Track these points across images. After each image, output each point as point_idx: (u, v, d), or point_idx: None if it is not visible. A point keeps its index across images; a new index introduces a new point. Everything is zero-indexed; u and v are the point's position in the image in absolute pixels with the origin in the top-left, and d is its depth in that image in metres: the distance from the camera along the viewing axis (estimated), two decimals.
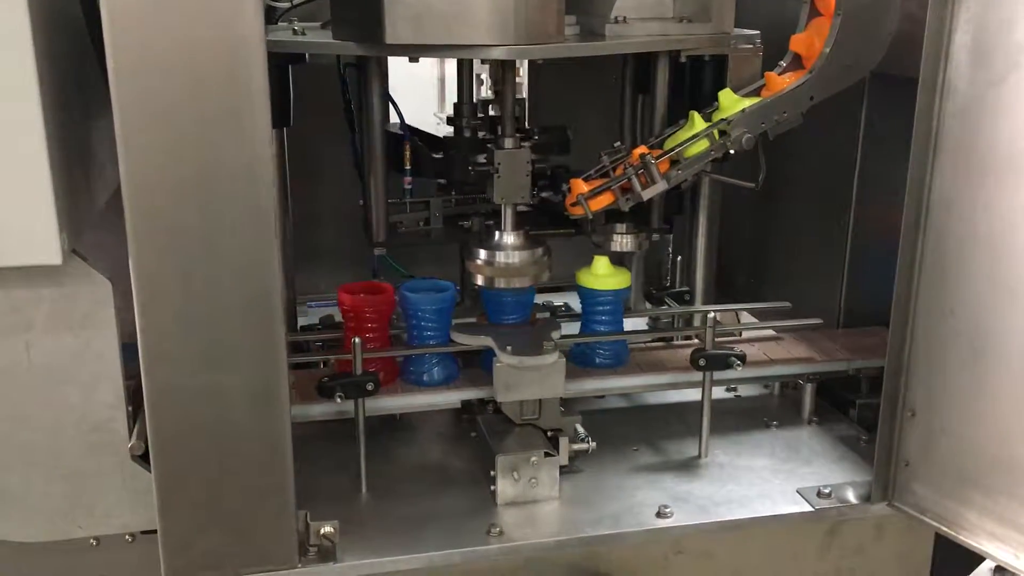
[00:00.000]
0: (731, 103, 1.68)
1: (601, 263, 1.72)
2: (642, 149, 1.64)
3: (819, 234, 1.99)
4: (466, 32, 1.45)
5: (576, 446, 1.56)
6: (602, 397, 1.81)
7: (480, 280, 1.65)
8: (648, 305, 2.08)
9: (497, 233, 1.65)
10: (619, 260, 1.82)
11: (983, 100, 1.24)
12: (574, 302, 2.02)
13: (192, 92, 1.12)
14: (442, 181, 1.81)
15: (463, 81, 1.97)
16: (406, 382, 1.66)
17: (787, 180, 1.98)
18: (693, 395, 1.79)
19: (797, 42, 1.72)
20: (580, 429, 1.59)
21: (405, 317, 1.65)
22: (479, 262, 1.64)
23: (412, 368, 1.65)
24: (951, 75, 1.28)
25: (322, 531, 1.35)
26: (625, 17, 1.66)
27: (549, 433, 1.55)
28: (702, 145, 1.64)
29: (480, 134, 1.88)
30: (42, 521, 1.41)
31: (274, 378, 1.25)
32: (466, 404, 1.67)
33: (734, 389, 1.93)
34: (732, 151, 1.65)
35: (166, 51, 1.10)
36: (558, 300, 2.18)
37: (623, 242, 1.83)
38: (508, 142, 1.63)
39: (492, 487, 1.50)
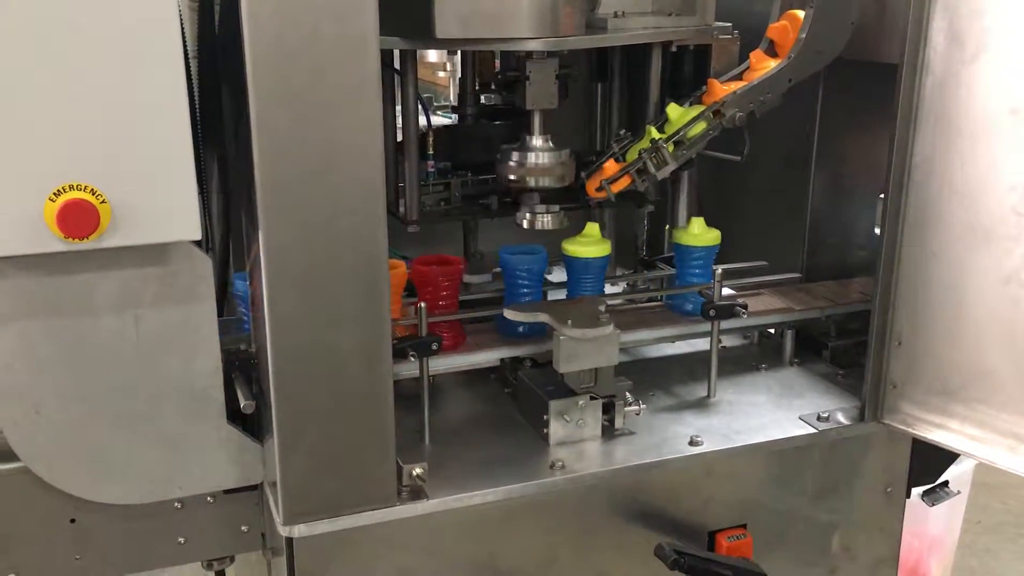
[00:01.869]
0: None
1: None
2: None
3: (783, 200, 2.25)
4: (508, 27, 1.62)
5: (628, 409, 1.75)
6: None
7: (513, 177, 1.83)
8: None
9: (527, 137, 1.83)
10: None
11: (958, 76, 1.51)
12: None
13: (317, 82, 1.27)
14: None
15: (466, 74, 2.15)
16: (504, 335, 1.86)
17: (753, 152, 2.24)
18: (681, 348, 2.10)
19: (773, 30, 1.97)
20: (629, 395, 1.77)
21: (504, 277, 1.87)
22: (512, 163, 1.82)
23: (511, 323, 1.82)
24: (929, 55, 1.54)
25: (414, 473, 1.51)
26: (624, 12, 1.88)
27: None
28: (701, 126, 1.87)
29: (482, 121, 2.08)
30: (144, 484, 1.52)
31: (380, 337, 1.41)
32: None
33: (719, 340, 2.17)
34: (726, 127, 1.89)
35: (295, 45, 1.25)
36: None
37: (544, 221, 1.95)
38: (536, 55, 1.78)
39: (544, 429, 1.69)
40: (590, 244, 1.91)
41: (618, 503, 1.65)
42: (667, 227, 2.29)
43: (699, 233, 1.99)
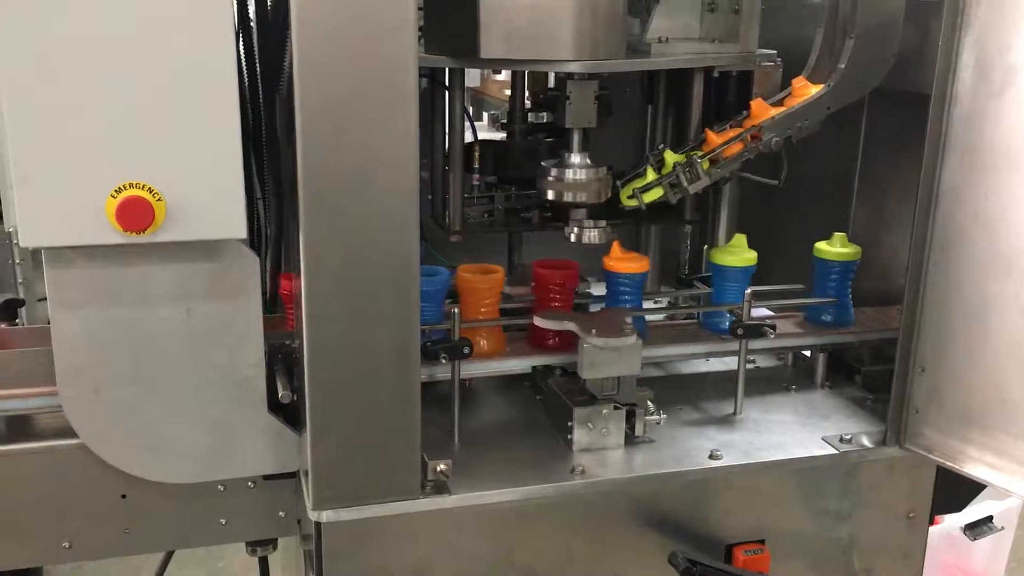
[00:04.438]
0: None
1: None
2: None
3: (825, 224, 2.28)
4: (549, 49, 1.70)
5: (649, 418, 1.81)
6: None
7: (551, 195, 1.90)
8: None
9: (566, 154, 1.91)
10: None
11: (984, 109, 1.54)
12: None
13: (358, 98, 1.37)
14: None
15: (516, 92, 2.24)
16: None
17: (795, 178, 2.28)
18: (713, 366, 2.15)
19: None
20: (651, 404, 1.83)
21: (607, 285, 1.96)
22: (550, 178, 1.90)
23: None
24: (958, 88, 1.57)
25: (438, 468, 1.59)
26: (668, 38, 1.94)
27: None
28: (737, 147, 1.92)
29: (528, 138, 2.17)
30: (190, 465, 1.64)
31: (410, 337, 1.50)
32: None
33: (752, 360, 2.21)
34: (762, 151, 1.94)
35: (339, 65, 1.35)
36: None
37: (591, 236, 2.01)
38: (577, 76, 1.85)
39: (568, 436, 1.76)
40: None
41: (636, 510, 1.70)
42: (704, 246, 2.34)
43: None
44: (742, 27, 1.99)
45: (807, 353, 2.20)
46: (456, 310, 1.72)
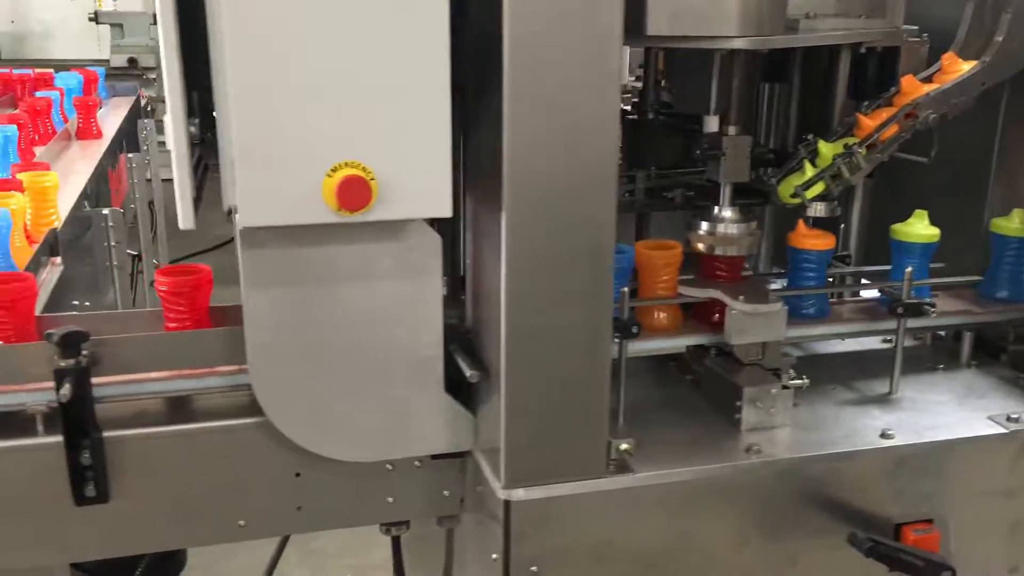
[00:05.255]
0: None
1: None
2: (847, 140, 1.89)
3: (959, 204, 2.25)
4: (716, 25, 1.69)
5: (793, 382, 1.81)
6: None
7: (702, 247, 1.90)
8: None
9: (716, 208, 1.90)
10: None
11: None
12: None
13: (565, 76, 1.37)
14: None
15: (649, 71, 2.23)
16: (794, 316, 1.92)
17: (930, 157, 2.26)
18: (849, 345, 2.14)
19: None
20: (793, 370, 1.84)
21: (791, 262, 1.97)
22: (702, 232, 1.90)
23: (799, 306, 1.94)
24: None
25: (621, 447, 1.59)
26: (815, 13, 1.92)
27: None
28: (893, 129, 1.90)
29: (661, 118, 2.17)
30: (370, 444, 1.65)
31: (603, 317, 1.50)
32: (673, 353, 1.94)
33: (889, 340, 2.19)
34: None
35: (548, 40, 1.35)
36: None
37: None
38: (733, 129, 1.88)
39: (736, 415, 1.75)
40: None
41: (808, 490, 1.69)
42: (841, 226, 2.32)
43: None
44: (888, 2, 1.97)
45: (942, 333, 2.19)
46: (625, 289, 1.71)
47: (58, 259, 2.25)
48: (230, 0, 1.23)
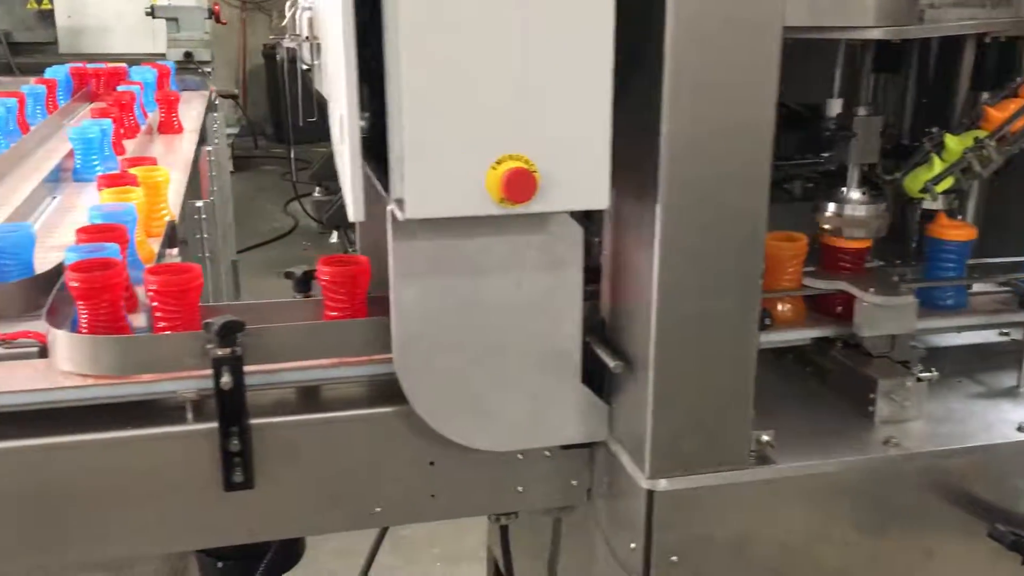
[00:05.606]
0: None
1: None
2: (975, 133, 1.87)
3: None
4: (854, 16, 1.68)
5: (925, 375, 1.80)
6: None
7: (828, 229, 1.89)
8: None
9: (844, 189, 1.89)
10: None
11: None
12: None
13: (725, 63, 1.37)
14: None
15: None
16: (931, 307, 1.93)
17: None
18: (970, 338, 2.09)
19: None
20: (921, 363, 1.82)
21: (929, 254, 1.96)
22: (828, 214, 1.89)
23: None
24: None
25: (763, 438, 1.60)
26: (939, 3, 1.90)
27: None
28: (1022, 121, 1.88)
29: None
30: (509, 433, 1.66)
31: (751, 306, 1.50)
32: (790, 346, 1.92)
33: (1006, 333, 2.17)
34: None
35: (710, 28, 1.35)
36: None
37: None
38: (862, 110, 1.86)
39: (870, 408, 1.75)
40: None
41: (947, 483, 1.68)
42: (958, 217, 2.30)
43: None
44: None
45: None
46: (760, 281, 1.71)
47: (175, 251, 2.30)
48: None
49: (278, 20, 12.18)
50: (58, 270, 1.93)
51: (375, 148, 1.38)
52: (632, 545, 1.61)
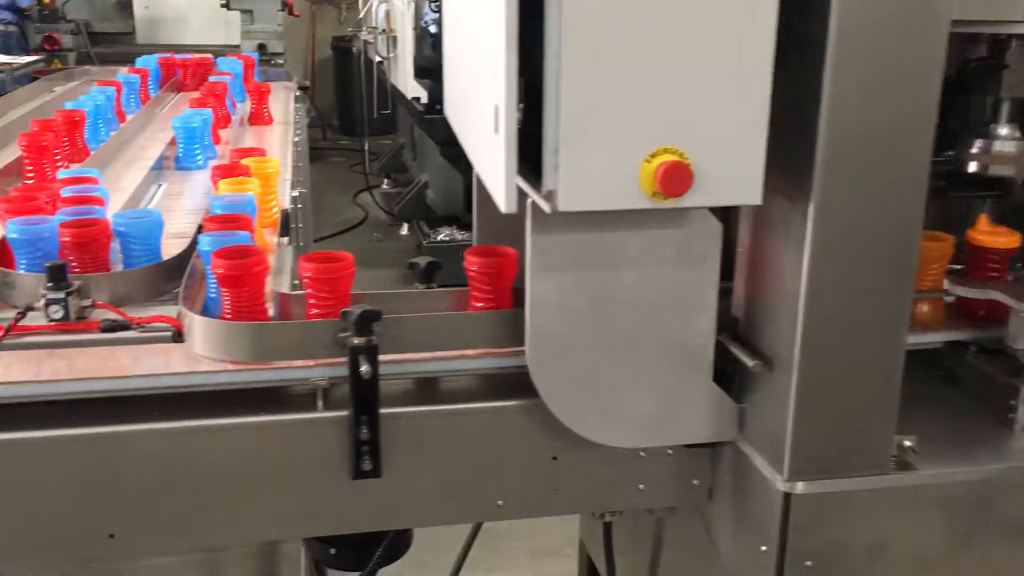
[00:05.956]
0: None
1: None
2: None
3: None
4: (1002, 9, 1.62)
5: None
6: None
7: (973, 167, 1.83)
8: None
9: (993, 125, 1.83)
10: None
11: None
12: None
13: (891, 61, 1.33)
14: None
15: None
16: None
17: None
18: None
19: None
20: None
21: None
22: (975, 151, 1.83)
23: None
24: None
25: (905, 443, 1.55)
26: None
27: None
28: None
29: None
30: (639, 430, 1.64)
31: (901, 309, 1.46)
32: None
33: None
34: None
35: (875, 20, 1.31)
36: None
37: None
38: (1015, 43, 1.79)
39: (1010, 415, 1.69)
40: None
41: None
42: None
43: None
44: None
45: None
46: None
47: (285, 240, 2.32)
48: None
49: (347, 13, 12.31)
50: (183, 256, 1.96)
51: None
52: (763, 548, 1.58)
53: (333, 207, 9.28)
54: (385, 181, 9.13)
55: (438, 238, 6.89)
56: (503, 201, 1.31)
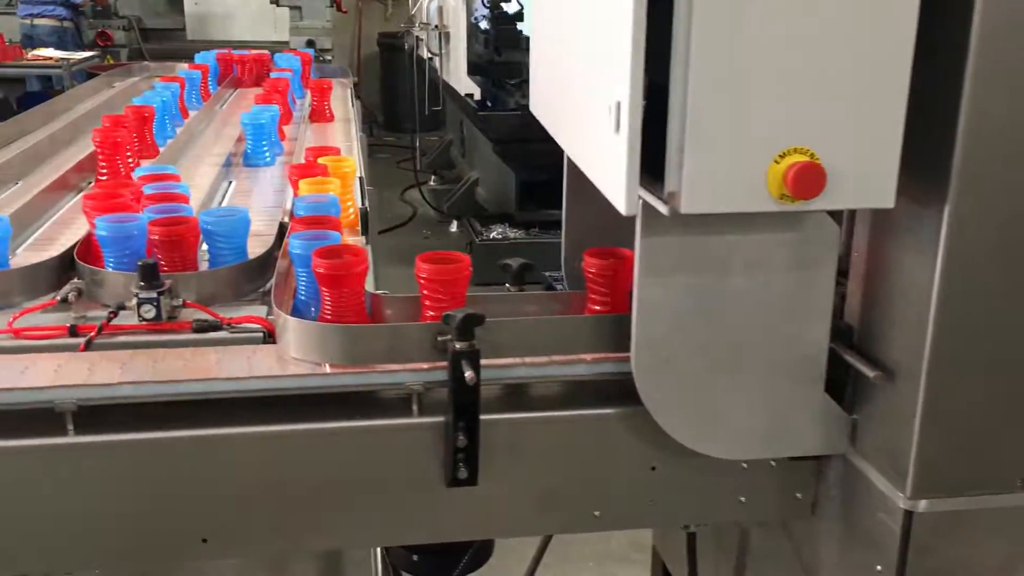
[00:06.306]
0: None
1: None
2: None
3: None
4: None
5: None
6: None
7: None
8: None
9: None
10: None
11: None
12: None
13: None
14: None
15: None
16: None
17: None
18: None
19: None
20: None
21: None
22: None
23: None
24: None
25: None
26: None
27: None
28: None
29: None
30: (747, 441, 1.58)
31: None
32: None
33: None
34: None
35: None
36: None
37: None
38: None
39: None
40: None
41: None
42: None
43: None
44: None
45: None
46: None
47: (363, 239, 2.28)
48: None
49: (393, 9, 12.31)
50: (265, 256, 1.93)
51: None
52: (878, 567, 1.51)
53: (381, 204, 9.29)
54: (433, 178, 9.11)
55: (490, 236, 6.83)
56: (623, 203, 1.26)
